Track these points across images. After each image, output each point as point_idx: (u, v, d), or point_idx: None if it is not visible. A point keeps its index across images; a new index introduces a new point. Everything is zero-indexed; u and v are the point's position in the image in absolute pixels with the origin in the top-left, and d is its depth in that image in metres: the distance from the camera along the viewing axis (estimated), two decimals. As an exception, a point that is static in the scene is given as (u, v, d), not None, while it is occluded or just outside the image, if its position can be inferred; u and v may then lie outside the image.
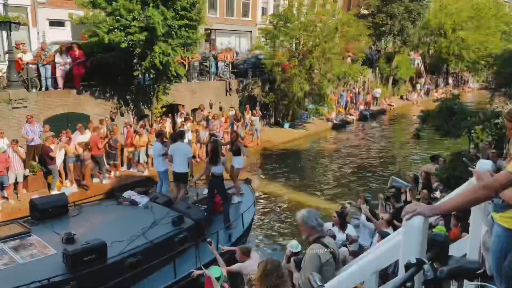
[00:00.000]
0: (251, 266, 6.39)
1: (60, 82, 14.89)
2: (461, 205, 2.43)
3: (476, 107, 21.10)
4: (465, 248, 3.60)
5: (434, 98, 24.54)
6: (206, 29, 20.45)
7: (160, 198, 9.18)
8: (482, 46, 35.89)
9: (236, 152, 10.20)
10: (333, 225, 7.90)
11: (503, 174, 2.22)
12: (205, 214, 8.73)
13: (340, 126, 25.87)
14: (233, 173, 10.20)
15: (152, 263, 7.02)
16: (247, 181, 11.08)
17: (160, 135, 10.67)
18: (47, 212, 7.80)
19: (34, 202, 8.06)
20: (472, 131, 10.76)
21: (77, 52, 14.83)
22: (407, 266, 1.88)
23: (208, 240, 6.83)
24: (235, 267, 6.57)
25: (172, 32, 15.00)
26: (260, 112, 22.05)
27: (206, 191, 10.04)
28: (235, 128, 19.31)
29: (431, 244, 2.08)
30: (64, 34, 19.75)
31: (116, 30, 14.22)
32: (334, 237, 6.58)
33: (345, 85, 28.47)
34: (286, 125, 23.80)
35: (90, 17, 14.30)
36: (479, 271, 1.88)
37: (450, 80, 42.67)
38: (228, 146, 12.04)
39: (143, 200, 9.08)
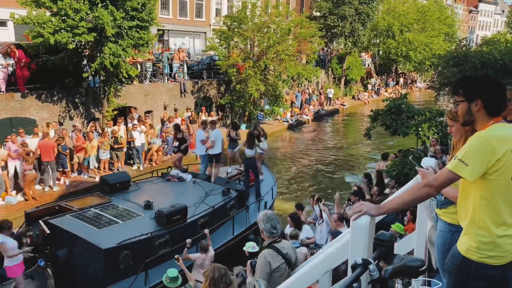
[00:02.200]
0: (202, 259, 7.26)
1: (2, 85, 14.09)
2: (406, 204, 2.50)
3: (423, 106, 22.05)
4: (413, 243, 3.74)
5: (384, 97, 25.41)
6: (158, 30, 20.07)
7: (199, 176, 11.19)
8: (427, 47, 37.65)
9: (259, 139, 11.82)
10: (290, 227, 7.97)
11: (443, 172, 2.31)
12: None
13: (296, 126, 26.23)
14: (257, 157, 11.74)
15: (217, 224, 8.85)
16: (264, 163, 13.33)
17: (204, 122, 12.44)
18: (116, 186, 9.35)
19: (105, 179, 9.81)
20: (419, 129, 11.21)
21: (20, 53, 14.09)
22: (354, 267, 1.90)
23: (175, 256, 6.92)
24: (192, 256, 7.30)
25: (123, 32, 14.62)
26: (216, 113, 21.96)
27: (229, 169, 12.60)
28: (191, 130, 19.10)
29: (377, 244, 2.13)
30: (6, 35, 18.74)
31: (62, 30, 13.64)
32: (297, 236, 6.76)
33: (299, 86, 28.91)
34: (243, 126, 23.80)
35: (34, 17, 13.63)
36: (422, 268, 1.93)
37: (401, 80, 44.37)
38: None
39: (188, 177, 10.82)
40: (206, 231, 7.75)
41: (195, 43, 29.37)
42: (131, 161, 16.13)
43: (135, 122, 16.38)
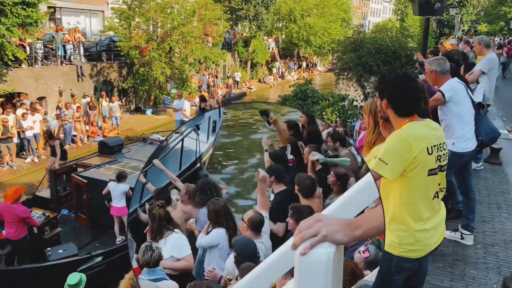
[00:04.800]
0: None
1: None
2: None
3: (324, 89, 23.14)
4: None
5: (288, 80, 26.09)
6: (48, 7, 18.16)
7: None
8: (326, 32, 39.47)
9: None
10: None
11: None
12: None
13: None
14: None
15: None
16: None
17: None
18: (113, 148, 10.39)
19: (104, 141, 11.03)
20: (324, 113, 11.74)
21: None
22: None
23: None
24: None
25: (6, 10, 12.98)
26: (118, 98, 20.74)
27: None
28: (91, 117, 17.84)
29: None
30: None
31: None
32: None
33: (206, 69, 28.53)
34: (149, 111, 22.88)
35: None
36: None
37: (303, 64, 45.99)
38: None
39: None
40: None
41: (91, 22, 27.24)
42: (24, 153, 14.62)
43: (25, 110, 14.77)
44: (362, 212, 1.43)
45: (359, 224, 1.35)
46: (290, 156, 2.80)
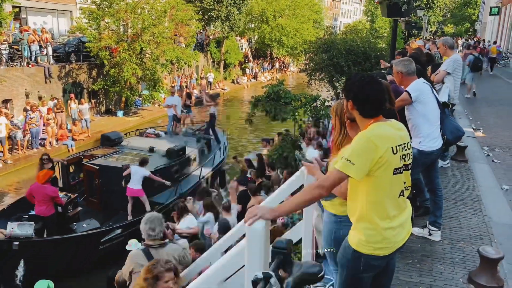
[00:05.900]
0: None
1: None
2: (300, 205, 2.53)
3: (297, 90, 23.26)
4: (301, 233, 3.86)
5: (261, 81, 26.08)
6: (13, 7, 17.57)
7: (169, 133, 13.96)
8: (298, 32, 39.78)
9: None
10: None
11: (332, 173, 2.36)
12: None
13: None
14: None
15: (205, 159, 12.57)
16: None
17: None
18: (114, 140, 11.47)
19: (106, 135, 12.03)
20: (296, 113, 11.78)
21: None
22: (255, 282, 1.82)
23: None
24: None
25: (-33, 9, 12.49)
26: (87, 100, 20.27)
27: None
28: (59, 119, 17.36)
29: (274, 252, 2.08)
30: None
31: None
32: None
33: (179, 70, 28.26)
34: (120, 113, 22.46)
35: None
36: (320, 275, 1.94)
37: (277, 64, 46.18)
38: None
39: (162, 133, 13.46)
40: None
41: (59, 22, 26.56)
42: (-12, 158, 14.10)
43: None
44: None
45: (277, 209, 2.48)
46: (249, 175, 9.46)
